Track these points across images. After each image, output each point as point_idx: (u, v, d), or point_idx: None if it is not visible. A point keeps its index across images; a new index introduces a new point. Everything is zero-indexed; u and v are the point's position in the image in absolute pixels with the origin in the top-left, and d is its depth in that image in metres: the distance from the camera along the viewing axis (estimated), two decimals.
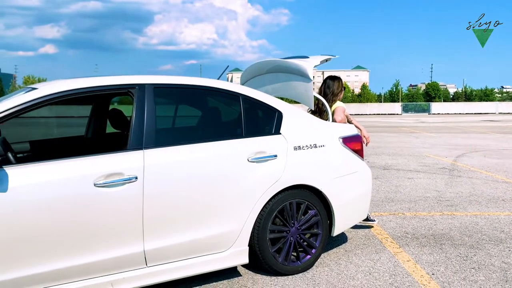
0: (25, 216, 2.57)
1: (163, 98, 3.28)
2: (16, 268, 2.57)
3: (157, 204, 2.94)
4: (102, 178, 2.78)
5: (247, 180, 3.29)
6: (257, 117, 3.58)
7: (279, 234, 3.49)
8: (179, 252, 3.07)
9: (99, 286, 2.82)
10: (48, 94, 2.82)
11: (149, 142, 3.01)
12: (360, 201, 4.00)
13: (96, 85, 3.02)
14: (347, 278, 3.52)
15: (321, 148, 3.68)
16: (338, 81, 4.55)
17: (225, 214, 3.21)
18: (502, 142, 14.56)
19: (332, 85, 4.51)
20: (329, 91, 4.49)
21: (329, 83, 4.54)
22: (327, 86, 4.53)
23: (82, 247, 2.74)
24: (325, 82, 4.58)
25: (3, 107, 2.69)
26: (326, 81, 4.58)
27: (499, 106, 48.20)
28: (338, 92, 4.50)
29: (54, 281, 2.69)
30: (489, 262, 3.85)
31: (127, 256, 2.89)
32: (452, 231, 4.76)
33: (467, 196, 6.41)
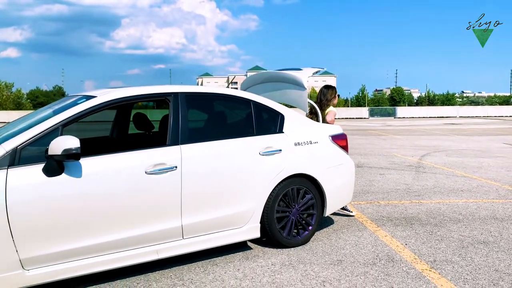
0: (96, 196, 3.28)
1: (192, 104, 4.03)
2: (93, 237, 3.28)
3: (192, 188, 3.70)
4: (151, 167, 3.52)
5: (259, 170, 4.08)
6: (265, 119, 4.38)
7: (283, 214, 4.29)
8: (208, 227, 3.83)
9: (149, 253, 3.55)
10: (107, 101, 3.54)
11: (184, 139, 3.76)
12: (346, 187, 4.86)
13: (143, 93, 3.77)
14: (338, 248, 4.36)
15: (315, 144, 4.52)
16: (331, 89, 5.44)
17: (243, 196, 3.99)
18: (461, 143, 15.85)
19: (326, 92, 5.40)
20: (323, 98, 5.37)
21: (324, 91, 5.43)
22: (322, 94, 5.41)
23: (137, 221, 3.47)
24: (321, 90, 5.47)
25: (71, 112, 3.38)
26: (322, 89, 5.47)
27: (460, 110, 50.74)
28: (331, 98, 5.39)
29: (117, 248, 3.40)
30: (449, 235, 4.77)
31: (169, 230, 3.63)
32: (420, 214, 5.68)
33: (431, 188, 7.39)
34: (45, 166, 3.11)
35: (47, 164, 3.11)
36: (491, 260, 4.03)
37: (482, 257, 4.10)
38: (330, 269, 3.83)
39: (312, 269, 3.81)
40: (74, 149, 3.05)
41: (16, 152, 3.08)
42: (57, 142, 3.05)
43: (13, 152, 3.07)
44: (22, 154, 3.10)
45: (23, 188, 3.02)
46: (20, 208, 3.00)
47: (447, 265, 3.90)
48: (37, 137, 3.18)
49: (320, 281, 3.57)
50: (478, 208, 5.99)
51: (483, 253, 4.20)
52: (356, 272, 3.76)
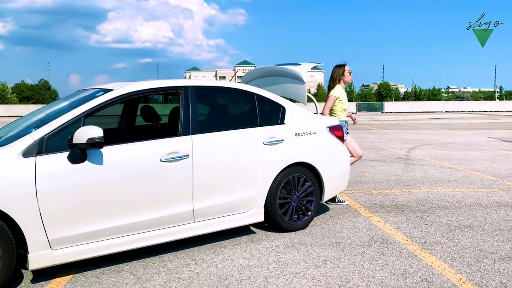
0: (116, 181, 3.55)
1: (201, 96, 4.29)
2: (113, 219, 3.55)
3: (202, 175, 3.98)
4: (166, 155, 3.79)
5: (263, 158, 4.38)
6: (267, 111, 4.67)
7: (285, 200, 4.60)
8: (217, 211, 4.12)
9: (164, 235, 3.83)
10: (124, 94, 3.80)
11: (194, 129, 4.03)
12: (342, 175, 5.18)
13: (156, 87, 4.04)
14: (336, 232, 4.68)
15: (314, 134, 4.83)
16: (337, 67, 5.67)
17: (248, 183, 4.28)
18: (447, 137, 16.34)
19: (333, 72, 5.66)
20: (330, 79, 5.65)
21: (332, 70, 5.69)
22: (331, 73, 5.69)
23: (153, 205, 3.74)
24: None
25: (92, 104, 3.63)
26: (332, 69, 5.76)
27: (446, 105, 51.65)
28: (336, 77, 5.62)
29: (135, 230, 3.67)
30: (438, 220, 5.12)
31: (182, 213, 3.91)
32: (410, 202, 6.03)
33: (420, 179, 7.76)
34: (70, 154, 3.36)
35: (72, 152, 3.36)
36: (476, 241, 4.39)
37: (468, 239, 4.45)
38: (330, 249, 4.14)
39: (313, 250, 4.13)
40: (98, 138, 3.30)
41: (43, 141, 3.33)
42: (82, 132, 3.30)
43: (40, 141, 3.31)
44: (48, 143, 3.34)
45: (50, 175, 3.27)
46: (48, 193, 3.25)
47: (436, 246, 4.24)
48: (61, 127, 3.43)
49: (322, 260, 3.89)
50: (464, 196, 6.37)
51: (469, 235, 4.56)
52: (354, 252, 4.08)
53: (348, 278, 3.51)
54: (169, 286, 3.37)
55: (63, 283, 3.43)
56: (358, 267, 3.72)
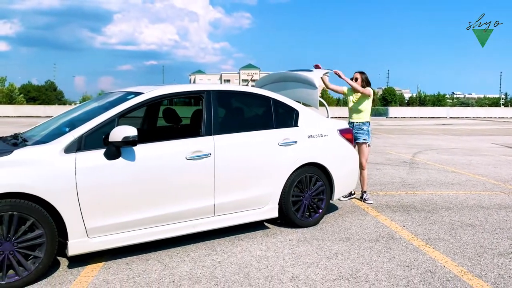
0: (147, 176, 3.88)
1: (222, 100, 4.63)
2: (144, 211, 3.87)
3: (223, 172, 4.30)
4: (190, 153, 4.12)
5: (278, 158, 4.70)
6: (282, 114, 5.00)
7: (298, 198, 4.91)
8: (235, 206, 4.45)
9: (187, 227, 4.16)
10: (154, 97, 4.14)
11: (216, 130, 4.36)
12: (351, 175, 5.50)
13: (182, 91, 4.38)
14: (345, 229, 5.00)
15: (325, 137, 5.15)
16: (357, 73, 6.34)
17: (264, 181, 4.61)
18: (451, 143, 16.62)
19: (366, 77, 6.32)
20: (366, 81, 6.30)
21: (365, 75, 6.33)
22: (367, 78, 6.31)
23: (179, 199, 4.07)
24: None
25: (125, 106, 3.96)
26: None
27: (450, 111, 51.79)
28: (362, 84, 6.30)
29: (162, 222, 4.00)
30: (441, 220, 5.42)
31: (204, 207, 4.23)
32: (415, 203, 6.33)
33: (424, 181, 8.06)
34: (106, 151, 3.70)
35: (108, 149, 3.70)
36: (477, 238, 4.69)
37: (470, 236, 4.75)
38: (340, 244, 4.46)
39: (325, 244, 4.44)
40: (132, 137, 3.64)
41: (82, 138, 3.66)
42: (118, 131, 3.63)
43: (80, 139, 3.65)
44: (86, 140, 3.68)
45: (88, 169, 3.61)
46: (86, 186, 3.58)
47: (439, 242, 4.54)
48: (98, 126, 3.76)
49: (333, 252, 4.20)
50: (466, 198, 6.66)
51: (471, 233, 4.86)
52: (363, 246, 4.39)
53: (358, 268, 3.82)
54: (195, 272, 3.70)
55: (97, 269, 3.76)
56: (367, 259, 4.03)
